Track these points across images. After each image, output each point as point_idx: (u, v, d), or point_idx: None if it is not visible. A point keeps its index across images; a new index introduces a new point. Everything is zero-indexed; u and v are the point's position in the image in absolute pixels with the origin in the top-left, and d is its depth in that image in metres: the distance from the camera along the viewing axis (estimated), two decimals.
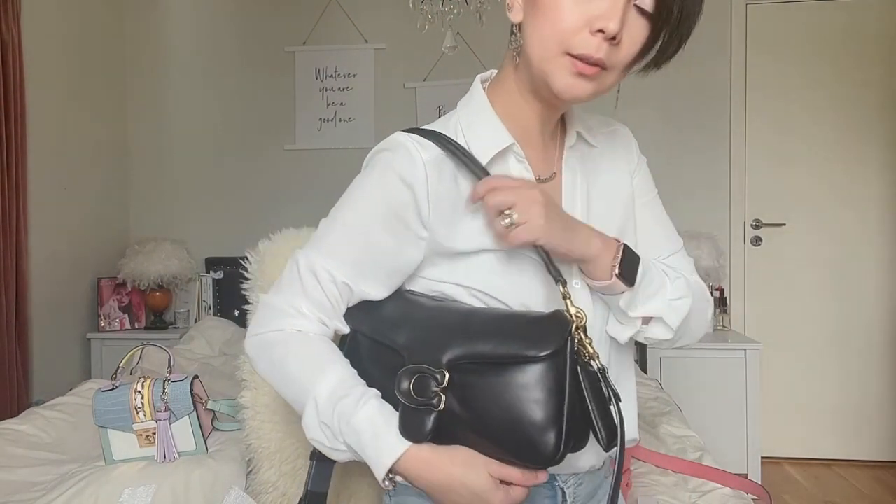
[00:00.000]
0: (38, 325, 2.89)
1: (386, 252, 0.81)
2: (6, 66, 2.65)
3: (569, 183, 0.87)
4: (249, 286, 1.22)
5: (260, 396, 1.19)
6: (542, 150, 0.86)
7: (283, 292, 0.84)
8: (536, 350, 0.70)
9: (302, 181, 3.46)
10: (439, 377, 0.73)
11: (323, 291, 0.82)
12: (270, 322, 0.83)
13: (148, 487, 1.30)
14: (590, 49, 0.73)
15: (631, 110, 3.37)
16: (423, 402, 0.73)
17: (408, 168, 0.78)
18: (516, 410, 0.70)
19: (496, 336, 0.73)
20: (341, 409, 0.75)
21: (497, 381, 0.71)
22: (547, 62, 0.76)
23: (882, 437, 3.21)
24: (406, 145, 0.79)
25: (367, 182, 0.82)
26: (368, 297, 0.83)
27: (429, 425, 0.73)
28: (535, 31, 0.76)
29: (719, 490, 1.49)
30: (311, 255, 0.82)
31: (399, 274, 0.83)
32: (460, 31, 2.84)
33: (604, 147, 0.92)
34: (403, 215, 0.79)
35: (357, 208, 0.82)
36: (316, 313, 0.82)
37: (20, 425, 1.79)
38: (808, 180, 3.27)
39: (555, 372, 0.70)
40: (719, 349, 2.89)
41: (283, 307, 0.83)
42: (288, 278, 0.84)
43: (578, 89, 0.76)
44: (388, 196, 0.79)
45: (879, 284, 3.23)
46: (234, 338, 2.88)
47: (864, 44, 3.21)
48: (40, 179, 2.90)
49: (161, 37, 3.61)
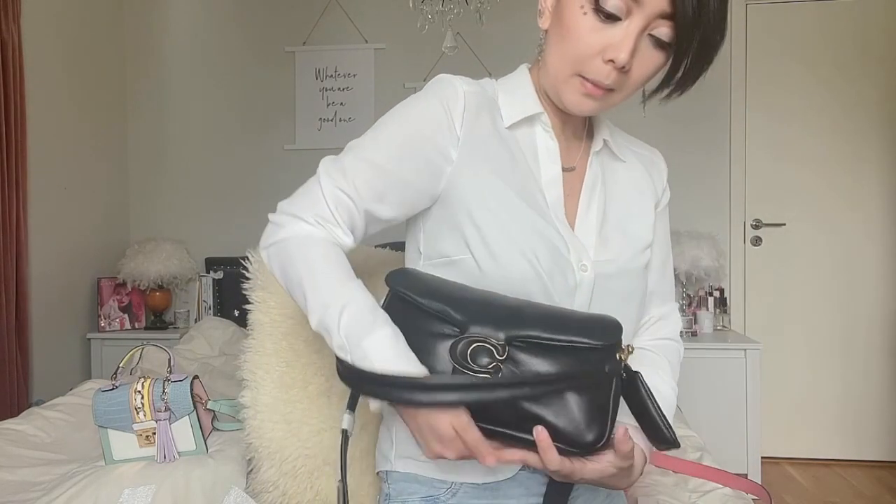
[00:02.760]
0: (38, 325, 2.89)
1: (410, 172, 0.82)
2: (6, 66, 2.65)
3: (590, 181, 0.90)
4: (250, 286, 1.23)
5: (260, 396, 1.19)
6: (562, 141, 0.89)
7: (293, 205, 0.85)
8: (593, 340, 0.71)
9: (302, 181, 3.42)
10: (499, 349, 0.72)
11: (330, 207, 0.83)
12: (278, 231, 0.84)
13: (148, 487, 1.30)
14: (600, 76, 0.78)
15: (630, 110, 3.36)
16: (479, 370, 0.72)
17: (449, 93, 0.83)
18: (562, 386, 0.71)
19: (550, 325, 0.73)
20: (354, 325, 0.75)
21: (546, 363, 0.72)
22: (560, 78, 0.81)
23: (882, 437, 3.21)
24: (449, 78, 0.85)
25: (408, 104, 0.85)
26: (377, 214, 0.84)
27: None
28: (555, 47, 0.81)
29: (719, 490, 1.49)
30: (331, 170, 0.84)
31: (412, 204, 0.85)
32: (460, 31, 2.85)
33: (630, 163, 0.96)
34: (435, 135, 0.82)
35: (387, 123, 0.85)
36: (324, 224, 0.83)
37: (20, 425, 1.79)
38: (808, 180, 3.27)
39: (605, 386, 0.72)
40: (719, 349, 2.89)
41: (289, 219, 0.84)
42: (301, 191, 0.86)
43: (586, 107, 0.82)
44: (425, 115, 0.83)
45: (879, 285, 3.23)
46: (234, 338, 2.88)
47: (865, 44, 3.21)
48: (40, 179, 2.90)
49: (161, 37, 3.61)
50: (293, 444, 1.17)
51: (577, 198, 0.88)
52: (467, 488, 0.84)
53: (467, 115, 0.82)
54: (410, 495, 0.86)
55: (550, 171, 0.86)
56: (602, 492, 0.93)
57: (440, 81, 0.84)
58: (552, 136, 0.86)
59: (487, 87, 0.87)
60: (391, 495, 0.88)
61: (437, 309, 0.77)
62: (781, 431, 3.26)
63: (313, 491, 1.19)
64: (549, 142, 0.86)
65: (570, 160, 0.90)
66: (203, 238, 3.56)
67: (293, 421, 1.17)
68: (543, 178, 0.85)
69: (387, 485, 0.89)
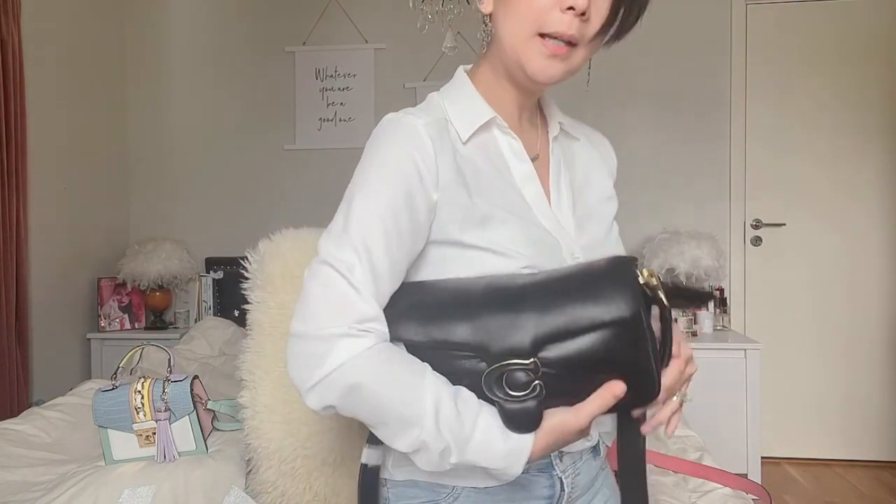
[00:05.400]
0: (38, 325, 2.89)
1: (408, 232, 0.77)
2: (6, 66, 2.65)
3: (555, 166, 0.90)
4: (249, 285, 1.23)
5: (259, 396, 1.19)
6: (521, 133, 0.89)
7: (323, 315, 0.73)
8: (616, 311, 0.69)
9: (302, 181, 3.46)
10: (532, 366, 0.69)
11: (362, 298, 0.73)
12: (322, 363, 0.72)
13: (148, 487, 1.30)
14: (562, 26, 0.77)
15: (630, 111, 3.37)
16: (524, 397, 0.70)
17: (410, 132, 0.78)
18: (609, 368, 0.71)
19: (571, 303, 0.71)
20: (456, 434, 0.71)
21: (582, 347, 0.70)
22: (520, 46, 0.79)
23: (882, 437, 3.21)
24: (396, 118, 0.80)
25: (382, 160, 0.78)
26: (396, 285, 0.78)
27: (536, 413, 0.71)
28: (508, 16, 0.80)
29: (719, 490, 1.49)
30: (340, 257, 0.74)
31: (414, 254, 0.79)
32: (460, 31, 2.84)
33: (584, 142, 0.97)
34: (421, 183, 0.76)
35: (369, 189, 0.77)
36: (366, 326, 0.73)
37: (20, 425, 1.80)
38: (808, 181, 3.27)
39: (636, 323, 0.70)
40: (719, 349, 2.89)
41: (328, 337, 0.72)
42: (321, 292, 0.74)
43: (552, 69, 0.79)
44: (405, 168, 0.76)
45: (879, 285, 3.23)
46: (234, 338, 2.88)
47: (865, 43, 3.21)
48: (40, 179, 2.90)
49: (161, 37, 3.61)
50: (292, 445, 1.17)
51: (547, 186, 0.88)
52: (468, 492, 0.83)
53: (436, 147, 0.78)
54: (411, 500, 0.85)
55: (521, 169, 0.85)
56: (601, 493, 0.93)
57: (399, 126, 0.79)
58: (512, 134, 0.86)
59: (434, 108, 0.84)
60: (391, 499, 0.87)
61: (442, 347, 0.73)
62: (781, 431, 3.26)
63: (312, 492, 1.19)
64: (512, 141, 0.86)
65: (532, 150, 0.89)
66: (203, 238, 3.56)
67: (292, 421, 1.17)
68: (517, 177, 0.85)
69: (385, 489, 0.89)
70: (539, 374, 0.70)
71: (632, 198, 3.20)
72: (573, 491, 0.88)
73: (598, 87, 0.90)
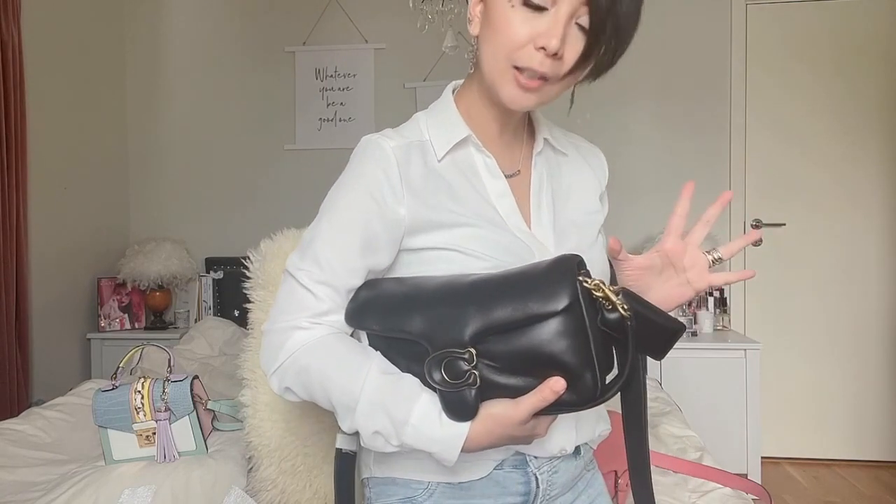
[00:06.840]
0: (38, 325, 2.89)
1: (373, 242, 0.83)
2: (6, 66, 2.65)
3: (536, 182, 0.92)
4: (251, 285, 1.23)
5: (260, 395, 1.19)
6: (502, 149, 0.92)
7: (283, 313, 0.85)
8: (553, 305, 0.71)
9: (302, 181, 3.46)
10: (468, 356, 0.73)
11: (317, 298, 0.83)
12: (279, 351, 0.84)
13: (148, 487, 1.30)
14: (533, 63, 0.79)
15: (630, 111, 3.38)
16: (459, 384, 0.74)
17: (378, 154, 0.84)
18: (548, 363, 0.72)
19: (510, 299, 0.73)
20: (392, 416, 0.76)
21: (522, 342, 0.72)
22: (496, 74, 0.82)
23: (882, 437, 3.21)
24: (372, 139, 0.86)
25: (350, 179, 0.86)
26: (355, 286, 0.85)
27: (472, 402, 0.74)
28: (488, 44, 0.82)
29: (719, 490, 1.49)
30: (302, 265, 0.84)
31: (382, 263, 0.86)
32: (460, 31, 2.84)
33: (571, 156, 0.99)
34: (385, 199, 0.83)
35: (339, 206, 0.86)
36: (318, 319, 0.84)
37: (20, 425, 1.80)
38: (808, 181, 3.27)
39: (574, 317, 0.71)
40: (719, 349, 2.89)
41: (285, 329, 0.84)
42: (284, 296, 0.86)
43: (523, 100, 0.82)
44: (370, 185, 0.83)
45: (879, 285, 3.23)
46: (234, 338, 2.88)
47: (865, 44, 3.21)
48: (40, 179, 2.90)
49: (161, 37, 3.61)
50: (292, 443, 1.18)
51: (528, 200, 0.91)
52: (443, 488, 0.85)
53: (401, 168, 0.83)
54: (389, 497, 0.88)
55: (495, 185, 0.88)
56: (585, 494, 0.93)
57: (368, 145, 0.86)
58: (486, 152, 0.89)
59: (412, 129, 0.89)
60: (372, 499, 0.90)
61: (398, 336, 0.79)
62: (781, 431, 3.26)
63: (312, 489, 1.19)
64: (486, 158, 0.89)
65: (513, 165, 0.92)
66: (203, 238, 3.56)
67: (292, 419, 1.17)
68: (491, 193, 0.87)
69: (368, 489, 0.91)
70: (474, 363, 0.73)
71: (632, 198, 3.20)
72: (550, 489, 0.88)
73: (598, 87, 0.91)
